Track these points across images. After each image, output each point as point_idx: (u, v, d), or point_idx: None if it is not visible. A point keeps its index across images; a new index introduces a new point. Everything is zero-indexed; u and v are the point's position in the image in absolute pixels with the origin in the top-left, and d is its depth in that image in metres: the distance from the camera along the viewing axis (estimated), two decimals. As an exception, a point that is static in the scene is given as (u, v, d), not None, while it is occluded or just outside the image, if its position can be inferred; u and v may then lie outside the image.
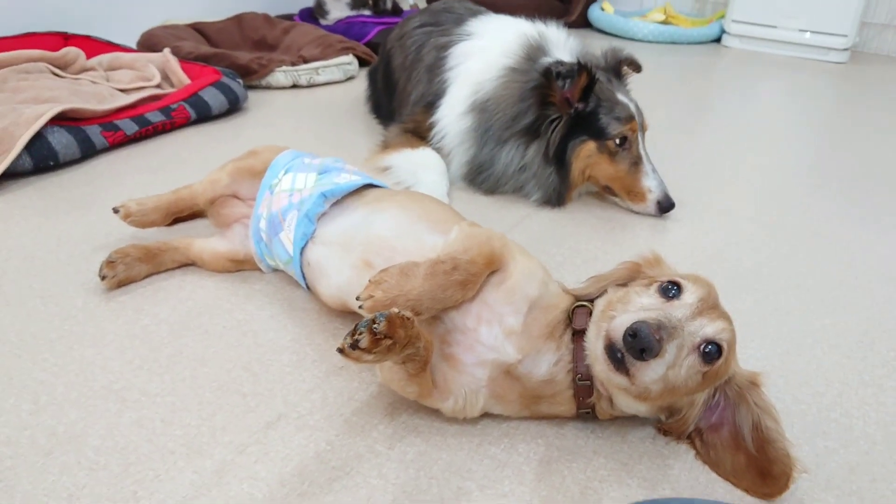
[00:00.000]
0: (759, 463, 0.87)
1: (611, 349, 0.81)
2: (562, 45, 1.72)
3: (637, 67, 1.78)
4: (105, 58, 2.25)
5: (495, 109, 1.64)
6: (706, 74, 3.48)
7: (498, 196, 1.72)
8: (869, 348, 1.21)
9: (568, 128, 1.61)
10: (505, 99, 1.63)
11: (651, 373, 0.79)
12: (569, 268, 1.40)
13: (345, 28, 3.19)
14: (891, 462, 0.95)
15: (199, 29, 2.83)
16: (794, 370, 1.13)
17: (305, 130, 2.13)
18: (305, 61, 2.66)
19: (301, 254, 1.12)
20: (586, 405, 0.91)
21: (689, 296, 0.85)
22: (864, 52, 4.25)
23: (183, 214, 1.40)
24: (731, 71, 3.57)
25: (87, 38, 2.43)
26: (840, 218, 1.76)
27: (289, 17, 3.37)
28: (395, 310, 0.79)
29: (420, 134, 1.79)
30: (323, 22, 3.33)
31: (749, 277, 1.42)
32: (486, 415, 0.94)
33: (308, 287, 1.16)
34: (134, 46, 2.60)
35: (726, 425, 0.90)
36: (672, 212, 1.65)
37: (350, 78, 2.77)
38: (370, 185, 1.20)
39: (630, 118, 1.61)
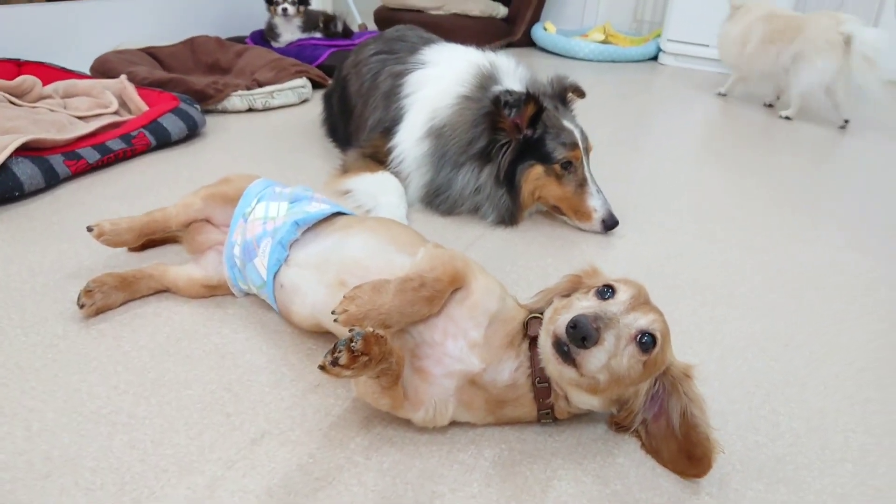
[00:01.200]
0: (686, 447, 0.97)
1: (558, 344, 0.91)
2: (511, 73, 1.83)
3: (581, 94, 1.91)
4: (61, 85, 2.27)
5: (451, 135, 1.74)
6: (644, 91, 3.66)
7: (455, 217, 1.82)
8: (795, 351, 1.34)
9: (517, 152, 1.73)
10: (460, 125, 1.74)
11: (595, 360, 0.89)
12: (523, 285, 1.50)
13: (297, 50, 3.25)
14: (811, 452, 1.07)
15: (151, 53, 2.86)
16: (728, 373, 1.26)
17: (264, 155, 2.19)
18: (260, 85, 2.72)
19: (274, 278, 1.20)
20: (546, 405, 1.00)
21: (622, 294, 0.96)
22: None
23: (155, 236, 1.44)
24: (668, 88, 3.76)
25: (41, 64, 2.44)
26: (769, 231, 1.91)
27: (240, 40, 3.42)
28: (370, 329, 0.87)
29: (378, 158, 1.88)
30: (274, 44, 3.39)
31: (687, 288, 1.55)
32: (454, 423, 1.03)
33: (279, 310, 1.23)
34: (87, 72, 2.62)
35: (664, 415, 1.01)
36: (616, 228, 1.78)
37: (304, 101, 2.84)
38: (339, 213, 1.28)
39: (574, 145, 1.73)
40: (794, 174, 2.46)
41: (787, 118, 3.23)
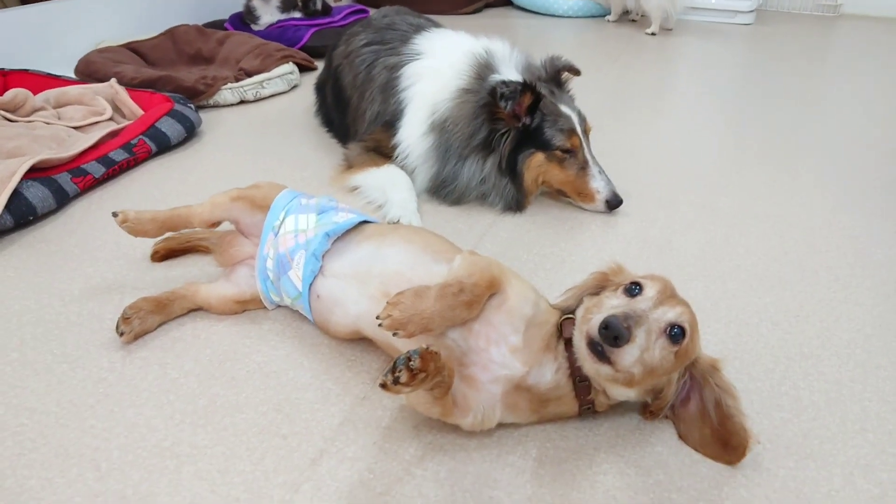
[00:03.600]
0: (722, 435, 1.05)
1: (592, 344, 0.96)
2: (507, 59, 1.85)
3: (576, 72, 1.93)
4: (52, 94, 2.24)
5: (453, 129, 1.76)
6: (626, 48, 3.67)
7: (463, 206, 1.85)
8: (805, 321, 1.41)
9: (517, 141, 1.76)
10: (460, 118, 1.76)
11: (628, 356, 0.95)
12: (541, 274, 1.55)
13: (278, 33, 3.22)
14: (833, 425, 1.14)
15: (134, 49, 2.82)
16: (746, 350, 1.32)
17: (265, 151, 2.19)
18: (248, 74, 2.71)
19: (309, 289, 1.24)
20: (587, 401, 1.07)
21: (649, 290, 1.02)
22: (768, 11, 4.53)
23: (176, 230, 1.46)
24: (649, 41, 3.77)
25: (25, 72, 2.41)
26: (766, 192, 1.97)
27: (219, 25, 3.37)
28: (425, 345, 0.92)
29: (382, 152, 1.90)
30: (254, 27, 3.34)
31: (696, 264, 1.61)
32: (499, 425, 1.08)
33: (315, 319, 1.27)
34: (72, 74, 2.59)
35: (693, 401, 1.08)
36: (621, 206, 1.82)
37: (294, 87, 2.82)
38: (365, 222, 1.32)
39: (572, 131, 1.76)
40: (786, 122, 2.51)
41: (652, 34, 3.92)
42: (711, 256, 1.64)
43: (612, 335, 0.93)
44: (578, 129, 1.79)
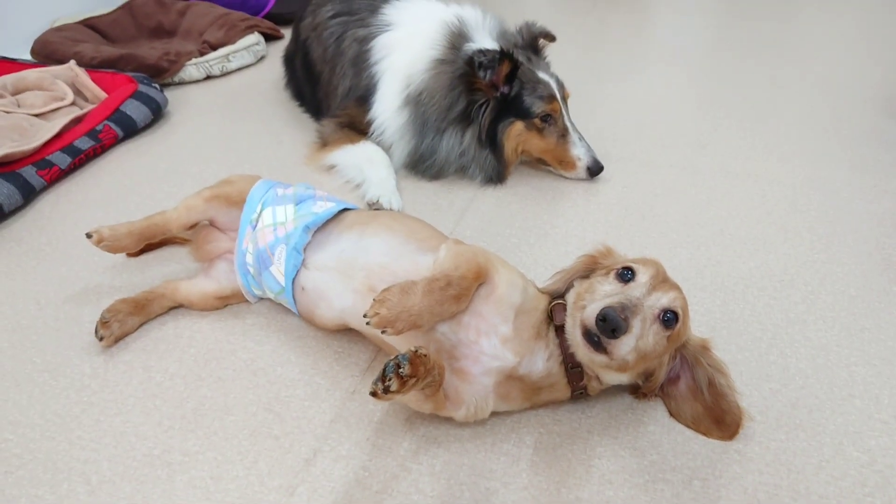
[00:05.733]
0: (715, 413, 1.06)
1: (588, 335, 0.96)
2: (481, 26, 1.80)
3: (551, 38, 1.89)
4: (9, 79, 2.15)
5: (429, 101, 1.72)
6: (597, 3, 3.60)
7: (443, 181, 1.82)
8: (790, 285, 1.42)
9: (496, 111, 1.72)
10: (437, 90, 1.71)
11: (625, 347, 0.94)
12: (524, 248, 1.53)
13: (241, 0, 3.11)
14: (821, 392, 1.15)
15: (91, 25, 2.71)
16: (733, 318, 1.33)
17: (236, 130, 2.13)
18: (213, 47, 2.62)
19: (292, 282, 1.21)
20: (580, 387, 1.06)
21: (642, 276, 1.01)
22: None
23: (155, 240, 1.42)
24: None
25: (-21, 57, 2.31)
26: (746, 148, 1.96)
27: (179, -6, 3.24)
28: (414, 348, 0.91)
29: (356, 128, 1.86)
30: (216, -5, 3.22)
31: (680, 230, 1.60)
32: (492, 414, 1.08)
33: (300, 312, 1.25)
34: (28, 56, 2.48)
35: (683, 379, 1.09)
36: (602, 172, 1.80)
37: (261, 58, 2.74)
38: (345, 209, 1.29)
39: (552, 97, 1.73)
40: (762, 75, 2.49)
41: None
42: (694, 221, 1.63)
43: (610, 327, 0.92)
44: (558, 96, 1.75)
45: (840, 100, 2.32)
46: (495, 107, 1.72)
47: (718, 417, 1.05)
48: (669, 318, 0.97)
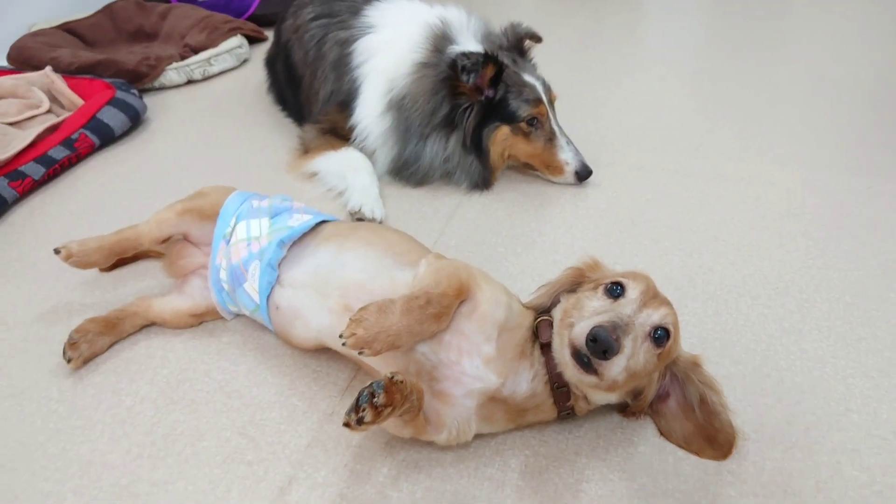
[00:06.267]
0: (707, 431, 1.01)
1: (577, 355, 0.91)
2: (465, 28, 1.75)
3: (537, 39, 1.84)
4: (-18, 88, 2.10)
5: (412, 106, 1.67)
6: (585, 3, 3.55)
7: (428, 187, 1.77)
8: (784, 293, 1.37)
9: (481, 115, 1.68)
10: (419, 95, 1.67)
11: (615, 367, 0.90)
12: (511, 258, 1.49)
13: (224, 2, 3.05)
14: (818, 408, 1.11)
15: (70, 30, 2.66)
16: (726, 329, 1.28)
17: (217, 138, 2.08)
18: (194, 51, 2.57)
19: (267, 300, 1.17)
20: (566, 408, 1.02)
21: (632, 292, 0.96)
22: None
23: (126, 255, 1.38)
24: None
25: (-48, 64, 2.26)
26: (739, 150, 1.92)
27: (162, -3, 3.19)
28: (390, 374, 0.86)
29: (338, 133, 1.81)
30: (198, -3, 3.16)
31: (671, 236, 1.55)
32: (476, 436, 1.03)
33: (276, 330, 1.20)
34: (3, 62, 2.43)
35: (673, 397, 1.04)
36: (591, 176, 1.76)
37: (244, 62, 2.69)
38: (323, 221, 1.24)
39: (538, 100, 1.68)
40: (751, 76, 2.44)
41: None
42: (686, 227, 1.59)
43: (602, 348, 0.87)
44: (544, 99, 1.71)
45: (834, 100, 2.27)
46: (480, 111, 1.67)
47: (711, 436, 1.01)
48: (660, 336, 0.93)
